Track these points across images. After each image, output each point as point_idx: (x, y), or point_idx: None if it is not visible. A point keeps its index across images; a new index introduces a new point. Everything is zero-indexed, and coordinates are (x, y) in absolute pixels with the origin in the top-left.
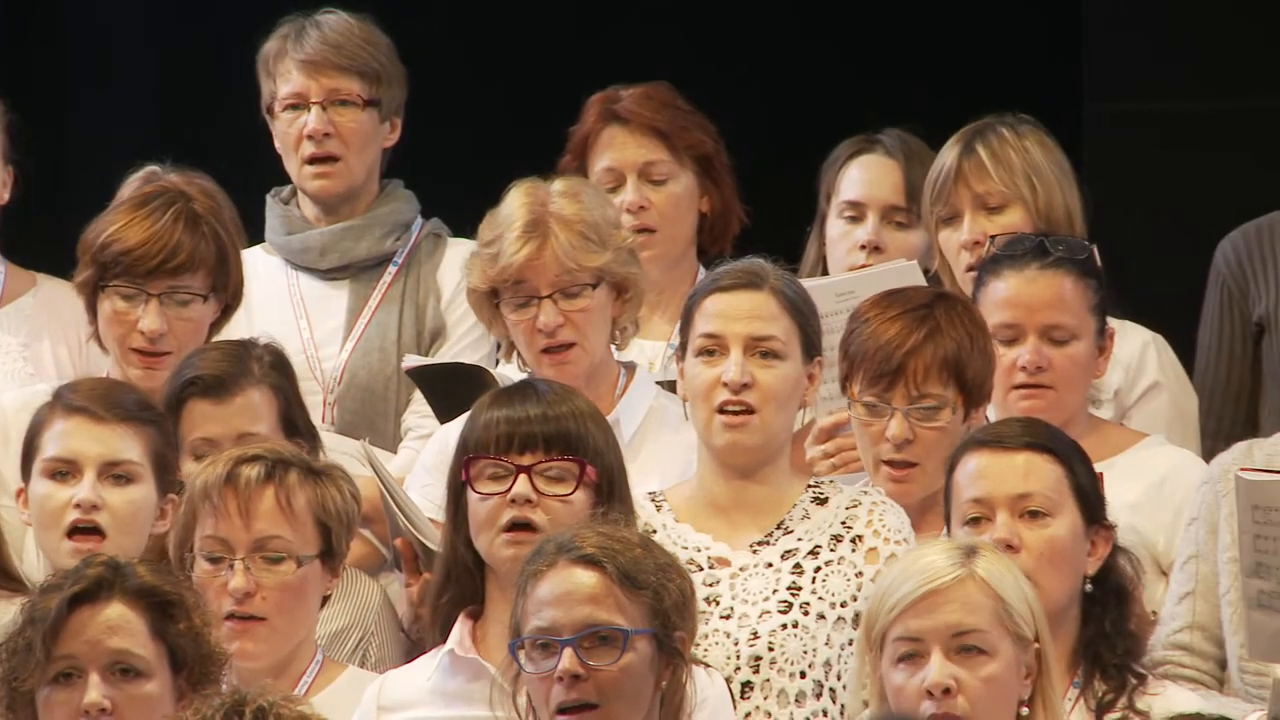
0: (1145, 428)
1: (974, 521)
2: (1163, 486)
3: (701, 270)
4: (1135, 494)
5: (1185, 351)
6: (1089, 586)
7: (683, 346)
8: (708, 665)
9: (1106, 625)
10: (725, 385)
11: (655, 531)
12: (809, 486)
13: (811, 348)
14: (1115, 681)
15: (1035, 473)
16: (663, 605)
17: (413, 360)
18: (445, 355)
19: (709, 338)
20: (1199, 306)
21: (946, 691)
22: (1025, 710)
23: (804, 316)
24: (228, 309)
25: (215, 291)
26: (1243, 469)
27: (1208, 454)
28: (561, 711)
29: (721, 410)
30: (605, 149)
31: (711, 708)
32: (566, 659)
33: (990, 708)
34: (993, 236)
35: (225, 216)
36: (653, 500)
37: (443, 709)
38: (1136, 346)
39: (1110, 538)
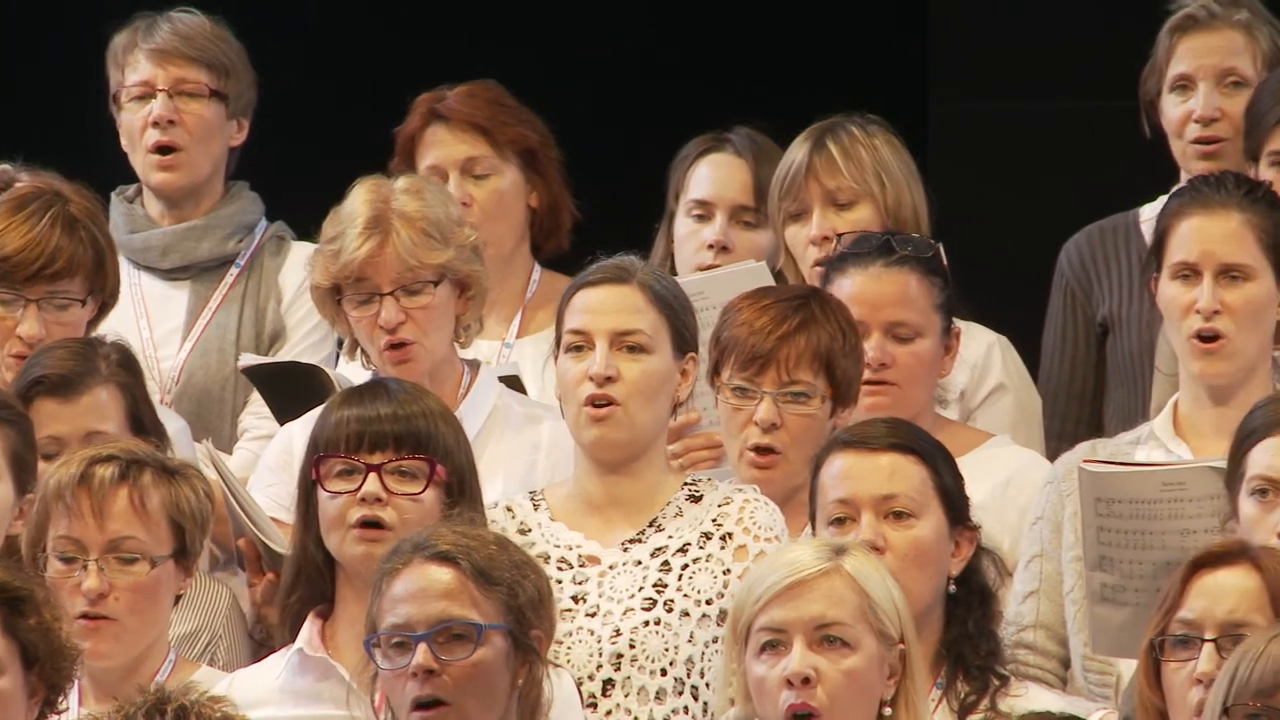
0: (990, 429)
1: (839, 522)
2: (1008, 487)
3: (537, 267)
4: (981, 494)
5: (1031, 353)
6: (953, 587)
7: (557, 344)
8: (556, 665)
9: (970, 626)
10: (590, 379)
11: (530, 530)
12: (685, 484)
13: (684, 343)
14: (978, 682)
15: (900, 474)
16: (517, 602)
17: (249, 359)
18: (284, 357)
19: (576, 334)
20: (1044, 308)
21: (806, 681)
22: (888, 711)
23: (674, 311)
24: (104, 307)
25: (93, 294)
26: (1086, 460)
27: (1052, 455)
28: (417, 707)
29: (588, 404)
30: (429, 148)
31: (559, 708)
32: (421, 654)
33: (849, 701)
34: (840, 235)
35: (101, 218)
36: (531, 499)
37: (291, 708)
38: (982, 348)
39: (974, 539)
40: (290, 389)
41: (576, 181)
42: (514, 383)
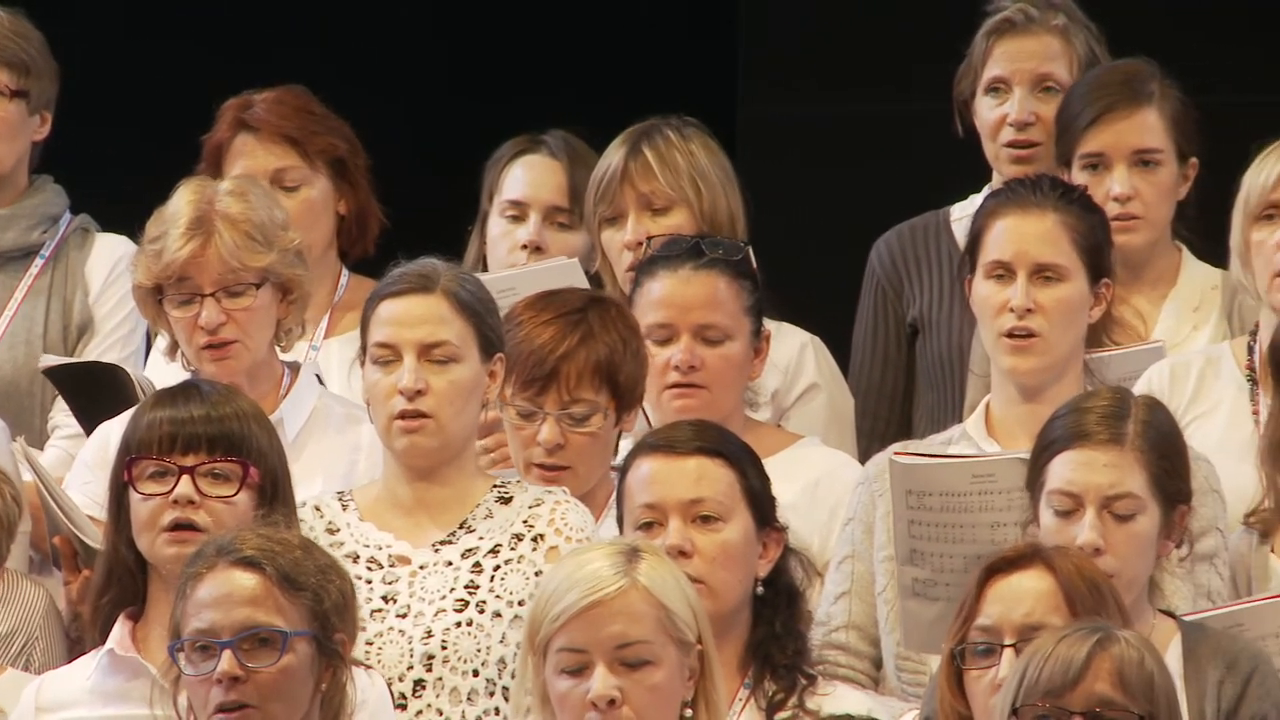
0: (803, 429)
1: (647, 526)
2: (817, 487)
3: (345, 272)
4: (791, 495)
5: (842, 353)
6: (760, 589)
7: (363, 350)
8: (368, 666)
9: (777, 626)
10: (400, 393)
11: (339, 530)
12: (495, 486)
13: (490, 345)
14: (785, 682)
15: (707, 477)
16: (323, 607)
17: (49, 360)
18: (93, 350)
19: (383, 347)
20: (855, 308)
21: (611, 703)
22: (689, 712)
23: (479, 316)
24: None
25: None
26: (897, 453)
27: (864, 455)
28: (219, 712)
29: (400, 417)
30: (238, 157)
31: (372, 709)
32: (225, 661)
33: (655, 715)
34: (650, 238)
35: None
36: (339, 499)
37: (101, 708)
38: (794, 348)
39: (781, 540)
40: (91, 389)
41: (388, 187)
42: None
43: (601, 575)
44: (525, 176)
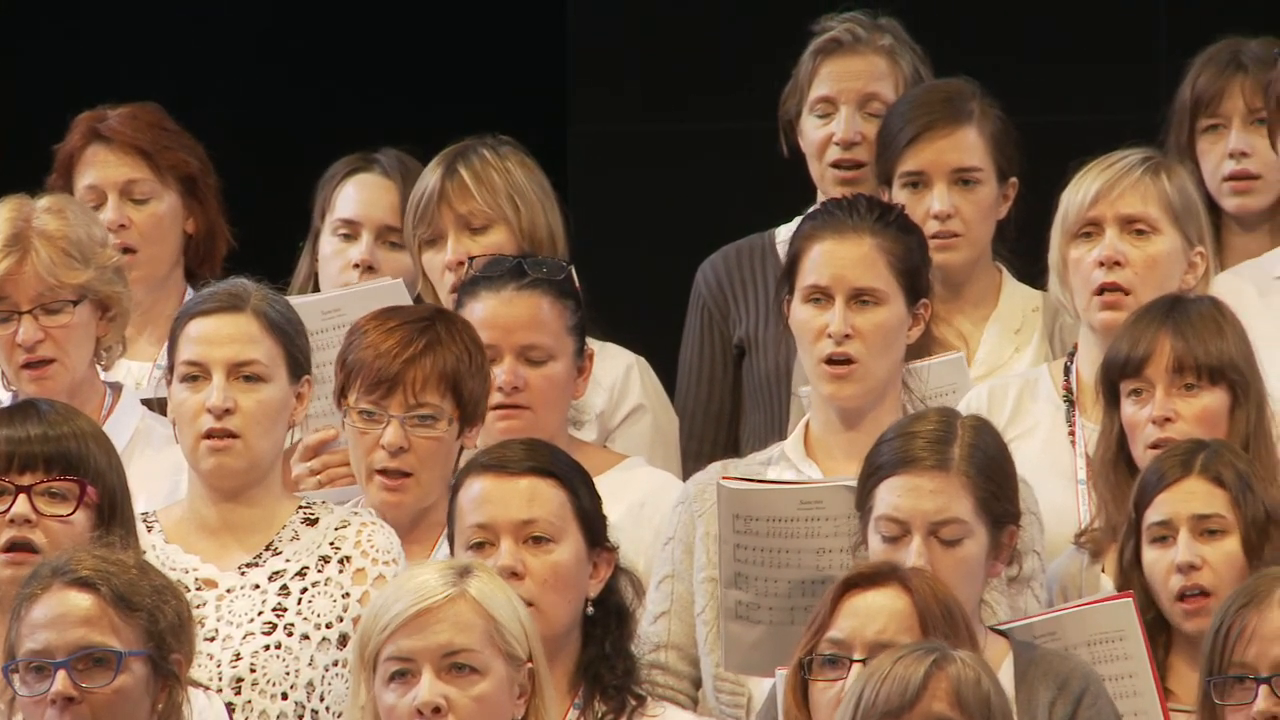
0: (628, 450)
1: (478, 546)
2: (643, 508)
3: (190, 291)
4: (616, 515)
5: (668, 373)
6: (590, 608)
7: (170, 369)
8: (206, 688)
9: (607, 646)
10: (209, 411)
11: (145, 552)
12: (300, 507)
13: (298, 367)
14: (615, 702)
15: (539, 498)
16: (158, 627)
17: None
18: None
19: (191, 365)
20: (681, 328)
21: (437, 710)
22: None
23: (289, 337)
24: None
25: None
26: (725, 477)
27: (689, 475)
28: None
29: (207, 436)
30: (88, 167)
31: None
32: (59, 681)
33: None
34: (472, 258)
35: None
36: (144, 521)
37: None
38: (619, 369)
39: (612, 560)
40: None
41: (235, 208)
42: (158, 406)
43: (430, 585)
44: (358, 195)
